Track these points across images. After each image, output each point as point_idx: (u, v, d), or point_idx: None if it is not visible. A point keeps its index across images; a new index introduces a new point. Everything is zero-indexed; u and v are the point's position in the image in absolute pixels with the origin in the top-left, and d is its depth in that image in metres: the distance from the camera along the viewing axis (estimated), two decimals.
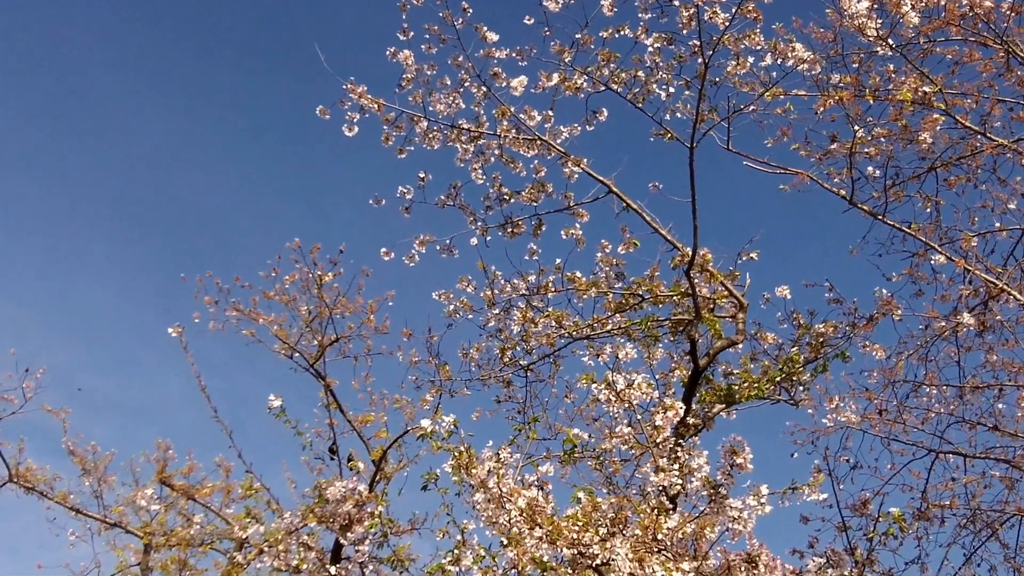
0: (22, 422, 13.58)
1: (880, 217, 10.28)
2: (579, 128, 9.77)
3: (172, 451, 13.49)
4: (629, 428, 7.08)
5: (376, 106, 9.66)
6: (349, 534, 8.65)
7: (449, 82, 9.61)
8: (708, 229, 10.65)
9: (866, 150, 10.17)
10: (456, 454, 6.60)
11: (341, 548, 9.40)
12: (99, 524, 13.49)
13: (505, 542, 6.96)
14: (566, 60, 9.44)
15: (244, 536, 8.90)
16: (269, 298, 11.31)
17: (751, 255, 10.62)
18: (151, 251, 36.11)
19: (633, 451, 8.95)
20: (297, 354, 11.13)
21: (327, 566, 8.32)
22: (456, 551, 7.84)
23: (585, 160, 9.87)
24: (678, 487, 6.50)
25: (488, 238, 10.38)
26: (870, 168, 10.24)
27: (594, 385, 6.81)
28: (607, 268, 10.87)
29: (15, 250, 34.76)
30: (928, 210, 10.92)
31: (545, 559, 7.10)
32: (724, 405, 10.21)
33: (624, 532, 6.27)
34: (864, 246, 11.12)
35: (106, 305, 35.67)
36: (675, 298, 10.75)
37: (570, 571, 7.08)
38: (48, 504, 13.38)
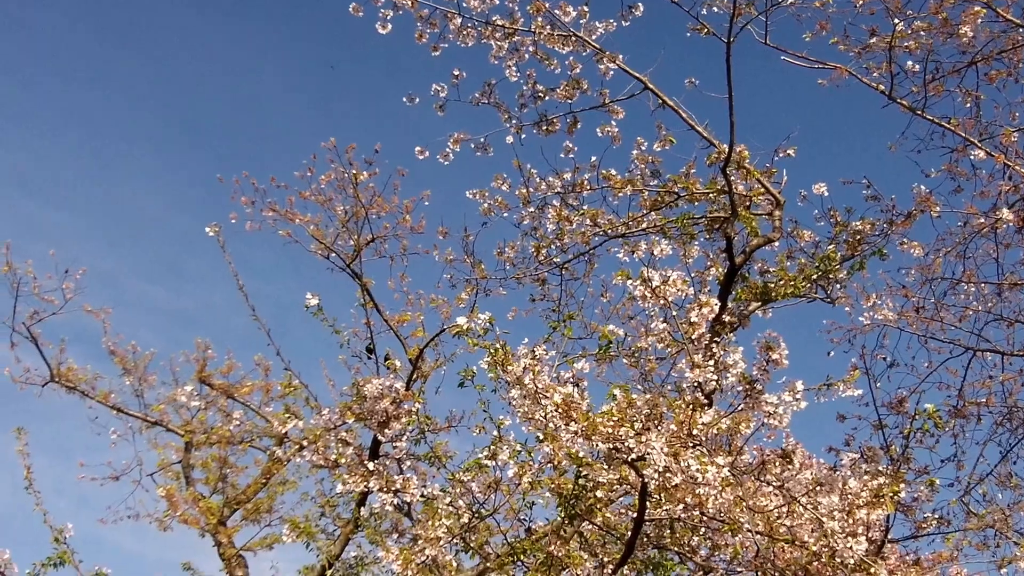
0: (63, 325, 13.74)
1: (919, 112, 10.16)
2: (614, 24, 9.66)
3: (211, 351, 13.64)
4: (664, 325, 7.09)
5: (410, 2, 9.57)
6: (387, 431, 8.73)
7: None
8: (745, 126, 10.58)
9: (905, 44, 10.01)
10: (492, 351, 6.63)
11: (379, 445, 9.50)
12: (140, 423, 13.68)
13: (541, 437, 7.02)
14: None
15: (284, 431, 9.00)
16: (305, 198, 11.31)
17: (788, 152, 10.51)
18: (195, 157, 36.25)
19: (669, 349, 8.96)
20: (334, 254, 11.14)
21: (365, 462, 8.41)
22: (493, 447, 7.92)
23: (620, 56, 9.77)
24: (713, 383, 6.52)
25: (523, 136, 10.34)
26: (909, 62, 10.10)
27: (629, 281, 6.79)
28: (643, 165, 10.80)
29: (60, 157, 34.95)
30: (968, 105, 10.75)
31: (580, 454, 7.16)
32: (760, 303, 10.19)
33: (659, 428, 6.30)
34: (903, 142, 10.99)
35: (151, 212, 35.93)
36: (711, 195, 10.69)
37: (605, 466, 7.13)
38: (90, 404, 13.57)
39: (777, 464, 6.77)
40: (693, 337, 6.61)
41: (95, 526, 13.55)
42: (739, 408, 6.55)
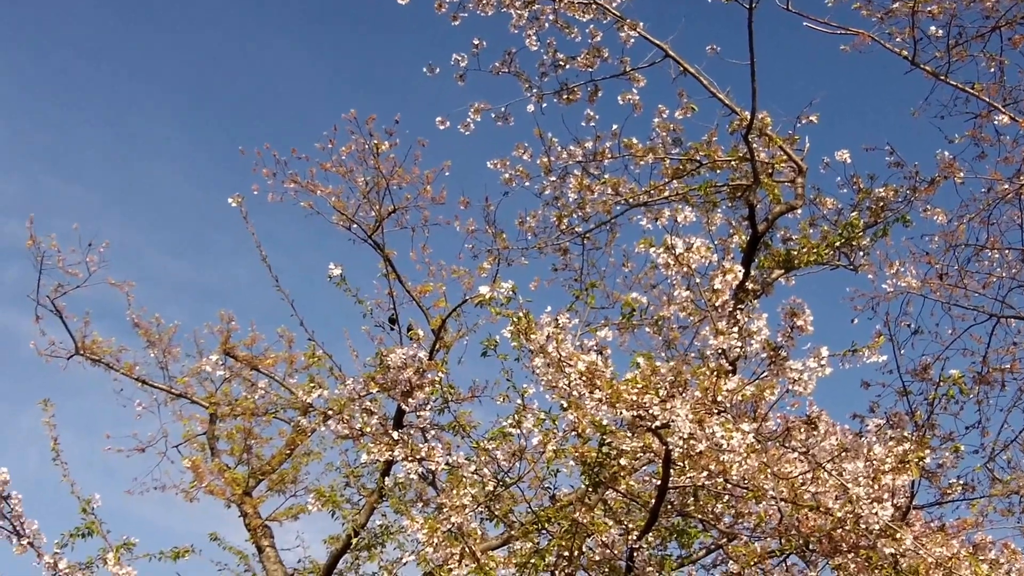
0: (86, 299, 13.75)
1: (943, 78, 10.09)
2: None
3: (235, 322, 13.67)
4: (688, 292, 7.06)
5: None
6: (410, 400, 8.74)
7: None
8: (767, 92, 10.54)
9: (929, 8, 9.94)
10: (515, 320, 6.62)
11: (403, 414, 9.52)
12: (165, 395, 13.74)
13: (565, 406, 7.02)
14: None
15: (309, 401, 9.03)
16: (326, 169, 11.28)
17: (810, 118, 10.47)
18: (216, 132, 36.24)
19: (691, 318, 8.96)
20: (355, 225, 11.13)
21: (389, 431, 8.43)
22: (517, 415, 7.92)
23: (641, 24, 9.73)
24: (737, 350, 6.49)
25: (544, 105, 10.32)
26: (933, 27, 10.04)
27: (652, 249, 6.77)
28: (664, 133, 10.77)
29: (82, 133, 35.02)
30: (992, 70, 10.66)
31: (604, 422, 7.17)
32: (783, 270, 10.18)
33: (683, 395, 6.30)
34: (926, 108, 10.92)
35: (173, 187, 35.96)
36: (733, 163, 10.66)
37: (629, 434, 7.14)
38: (115, 376, 13.61)
39: (802, 430, 6.76)
40: (717, 304, 6.58)
41: (122, 498, 13.64)
42: (763, 375, 6.54)
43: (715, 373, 6.33)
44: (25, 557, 7.99)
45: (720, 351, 6.50)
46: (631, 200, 11.01)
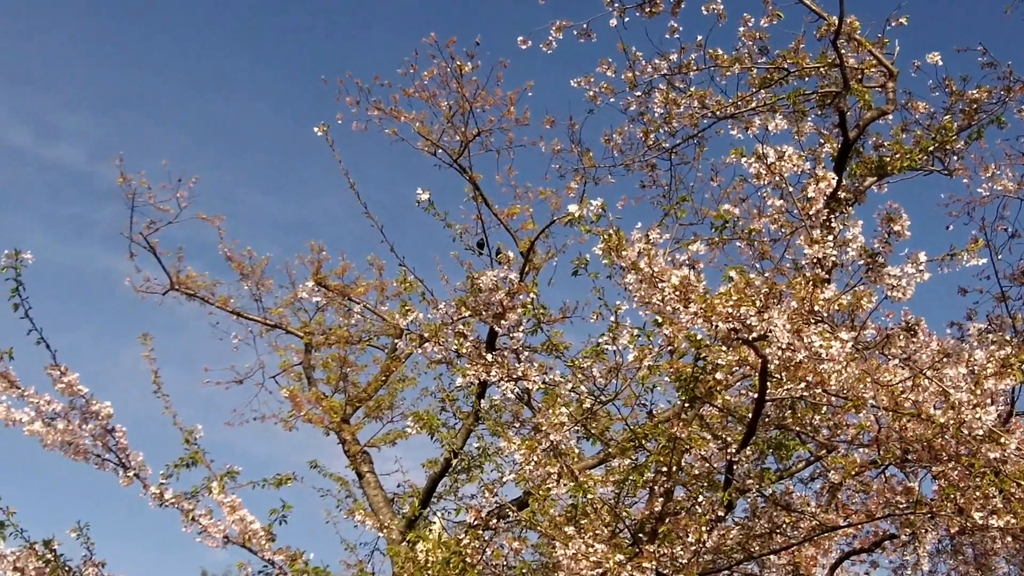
0: (179, 235, 13.93)
1: None
2: None
3: (325, 252, 13.78)
4: (780, 202, 6.97)
5: None
6: (503, 322, 8.78)
7: None
8: None
9: None
10: (606, 237, 6.59)
11: (495, 337, 9.56)
12: (260, 327, 13.93)
13: (659, 321, 6.99)
14: None
15: (403, 325, 9.09)
16: (409, 95, 11.22)
17: (900, 20, 10.22)
18: (299, 64, 36.46)
19: (783, 230, 8.84)
20: (440, 150, 11.11)
21: (483, 353, 8.47)
22: (611, 331, 7.92)
23: None
24: (833, 258, 6.41)
25: (626, 19, 10.16)
26: None
27: (743, 159, 6.67)
28: (750, 43, 10.56)
29: (166, 74, 35.42)
30: None
31: (699, 337, 7.14)
32: (876, 177, 10.01)
33: (779, 306, 6.24)
34: (1019, 5, 10.61)
35: (260, 123, 36.33)
36: (822, 70, 10.44)
37: (724, 348, 7.09)
38: (210, 310, 13.82)
39: (901, 337, 6.67)
40: (811, 212, 6.49)
41: (222, 431, 13.94)
42: (861, 281, 6.45)
43: (811, 282, 6.25)
44: (132, 488, 8.21)
45: (815, 260, 6.42)
46: (718, 112, 10.85)
